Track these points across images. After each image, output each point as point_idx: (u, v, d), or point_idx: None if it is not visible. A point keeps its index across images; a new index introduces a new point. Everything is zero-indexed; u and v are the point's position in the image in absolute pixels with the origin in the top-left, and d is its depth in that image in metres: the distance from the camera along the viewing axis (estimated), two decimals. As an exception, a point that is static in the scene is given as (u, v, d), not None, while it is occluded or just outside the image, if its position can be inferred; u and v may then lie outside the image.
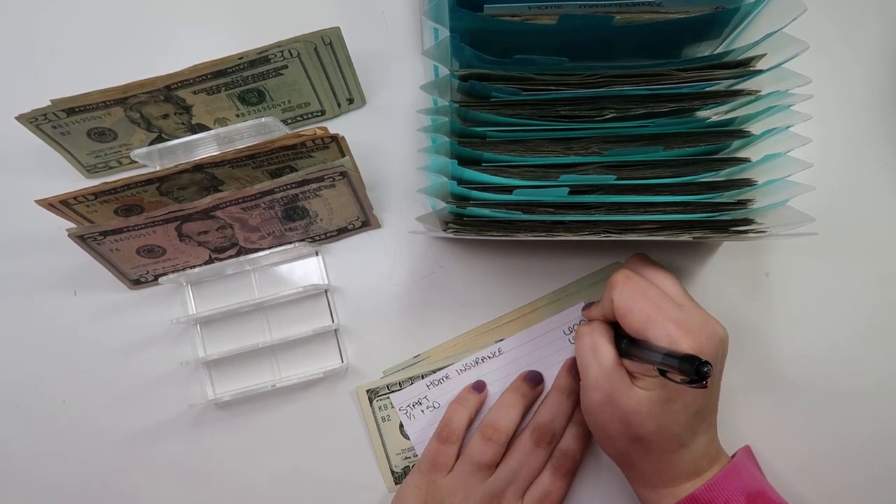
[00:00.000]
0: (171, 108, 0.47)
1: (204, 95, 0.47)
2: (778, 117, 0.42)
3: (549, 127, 0.42)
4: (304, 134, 0.43)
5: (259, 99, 0.48)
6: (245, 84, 0.46)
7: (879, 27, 0.52)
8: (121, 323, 0.51)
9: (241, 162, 0.45)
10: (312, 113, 0.50)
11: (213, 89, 0.46)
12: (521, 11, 0.43)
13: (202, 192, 0.47)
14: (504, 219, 0.42)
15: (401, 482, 0.49)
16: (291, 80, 0.47)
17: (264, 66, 0.45)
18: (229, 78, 0.45)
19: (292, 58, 0.45)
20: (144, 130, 0.49)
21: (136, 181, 0.44)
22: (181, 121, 0.48)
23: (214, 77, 0.45)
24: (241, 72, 0.45)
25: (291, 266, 0.52)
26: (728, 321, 0.50)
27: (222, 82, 0.46)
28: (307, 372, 0.50)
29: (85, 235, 0.46)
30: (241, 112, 0.49)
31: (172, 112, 0.48)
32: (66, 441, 0.51)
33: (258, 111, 0.49)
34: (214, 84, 0.46)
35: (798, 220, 0.41)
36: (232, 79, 0.46)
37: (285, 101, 0.49)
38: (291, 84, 0.47)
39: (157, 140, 0.50)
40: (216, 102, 0.48)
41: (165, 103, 0.46)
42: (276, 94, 0.48)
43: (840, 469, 0.49)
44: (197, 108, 0.48)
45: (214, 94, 0.46)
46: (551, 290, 0.50)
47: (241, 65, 0.44)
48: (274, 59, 0.45)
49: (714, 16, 0.43)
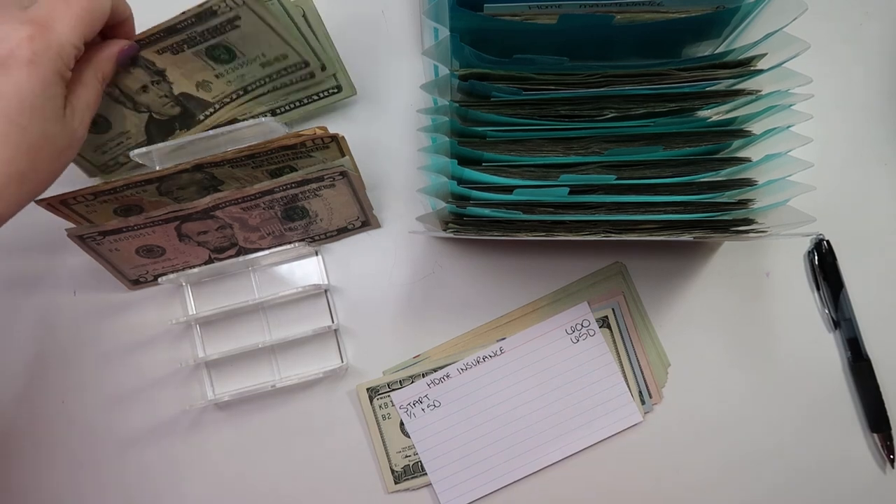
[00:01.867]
0: (146, 76, 0.46)
1: (169, 55, 0.45)
2: (778, 117, 0.42)
3: (549, 127, 0.42)
4: (304, 134, 0.43)
5: (230, 56, 0.46)
6: (205, 40, 0.44)
7: (879, 27, 0.52)
8: (120, 323, 0.51)
9: (240, 162, 0.45)
10: (295, 66, 0.47)
11: (175, 47, 0.44)
12: (521, 11, 0.43)
13: (202, 192, 0.47)
14: (504, 219, 0.42)
15: (401, 481, 0.49)
16: (252, 31, 0.44)
17: (214, 20, 0.43)
18: (184, 34, 0.44)
19: (239, 6, 0.42)
20: (132, 111, 0.47)
21: (136, 181, 0.44)
22: (163, 91, 0.47)
23: (168, 34, 0.43)
24: (194, 26, 0.43)
25: (291, 266, 0.52)
26: (728, 321, 0.50)
27: (179, 39, 0.44)
28: (307, 372, 0.50)
29: (84, 235, 0.46)
30: (218, 72, 0.47)
31: (149, 81, 0.46)
32: (65, 441, 0.51)
33: (235, 68, 0.47)
34: (173, 42, 0.44)
35: (798, 220, 0.41)
36: (187, 35, 0.44)
37: (259, 54, 0.46)
38: (255, 35, 0.45)
39: (150, 122, 0.49)
40: (187, 64, 0.46)
41: (135, 68, 0.45)
42: (244, 48, 0.46)
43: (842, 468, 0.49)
44: (171, 73, 0.46)
45: (179, 52, 0.45)
46: (551, 290, 0.50)
47: (189, 19, 0.43)
48: (220, 10, 0.43)
49: (714, 15, 0.43)
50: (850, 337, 0.49)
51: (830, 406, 0.49)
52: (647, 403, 0.49)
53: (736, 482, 0.49)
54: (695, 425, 0.50)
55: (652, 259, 0.50)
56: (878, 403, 0.48)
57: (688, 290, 0.50)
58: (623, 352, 0.50)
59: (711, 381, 0.50)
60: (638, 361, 0.50)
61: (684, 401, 0.50)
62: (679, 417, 0.50)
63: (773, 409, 0.49)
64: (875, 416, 0.48)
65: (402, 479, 0.49)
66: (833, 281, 0.49)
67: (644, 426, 0.49)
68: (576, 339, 0.50)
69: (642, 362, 0.50)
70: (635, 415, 0.49)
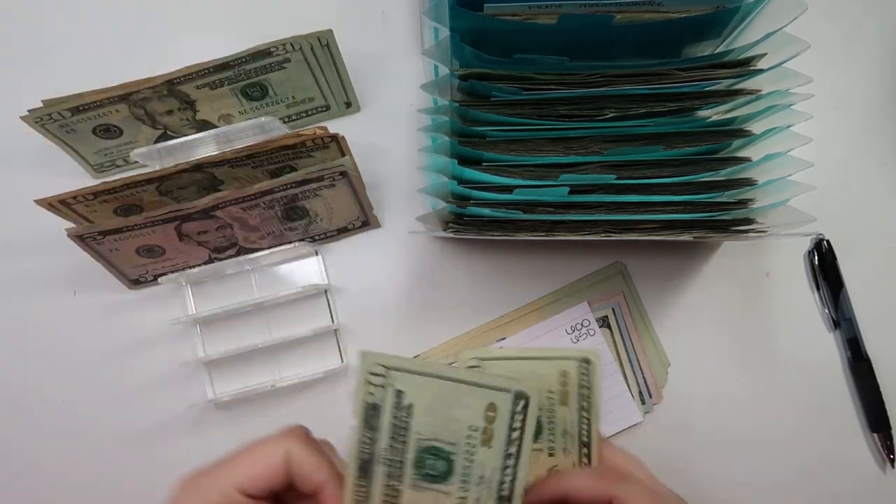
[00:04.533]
0: (175, 104, 0.47)
1: (207, 90, 0.47)
2: (778, 116, 0.42)
3: (549, 126, 0.42)
4: (304, 133, 0.43)
5: (262, 94, 0.48)
6: (248, 78, 0.46)
7: (879, 27, 0.52)
8: (120, 323, 0.51)
9: (240, 161, 0.45)
10: (317, 108, 0.50)
11: (216, 83, 0.46)
12: (521, 11, 0.43)
13: (202, 192, 0.47)
14: (504, 218, 0.42)
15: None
16: (295, 74, 0.47)
17: (267, 59, 0.45)
18: (231, 71, 0.45)
19: (294, 51, 0.45)
20: (150, 127, 0.48)
21: (136, 181, 0.44)
22: (185, 117, 0.48)
23: (217, 70, 0.45)
24: (244, 65, 0.45)
25: (291, 266, 0.52)
26: (728, 321, 0.50)
27: (225, 76, 0.46)
28: (307, 372, 0.50)
29: (84, 235, 0.46)
30: (244, 109, 0.49)
31: (177, 108, 0.48)
32: (65, 441, 0.51)
33: (262, 107, 0.49)
34: (217, 78, 0.46)
35: (798, 220, 0.41)
36: (234, 72, 0.45)
37: (289, 96, 0.49)
38: (295, 79, 0.47)
39: (161, 137, 0.50)
40: (220, 99, 0.47)
41: (169, 98, 0.46)
42: (279, 88, 0.48)
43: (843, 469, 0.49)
44: (201, 104, 0.48)
45: (217, 88, 0.46)
46: (552, 290, 0.50)
47: (244, 57, 0.44)
48: (276, 52, 0.45)
49: (714, 15, 0.43)
50: (850, 337, 0.49)
51: (830, 406, 0.49)
52: (647, 403, 0.49)
53: (736, 481, 0.49)
54: (694, 425, 0.49)
55: (652, 259, 0.50)
56: (878, 403, 0.48)
57: (688, 290, 0.50)
58: (623, 352, 0.50)
59: (711, 381, 0.50)
60: (638, 361, 0.50)
61: (684, 401, 0.50)
62: (679, 417, 0.49)
63: (773, 408, 0.49)
64: (875, 416, 0.48)
65: None
66: (833, 281, 0.49)
67: (644, 426, 0.49)
68: (576, 339, 0.50)
69: (642, 362, 0.50)
70: (635, 415, 0.49)
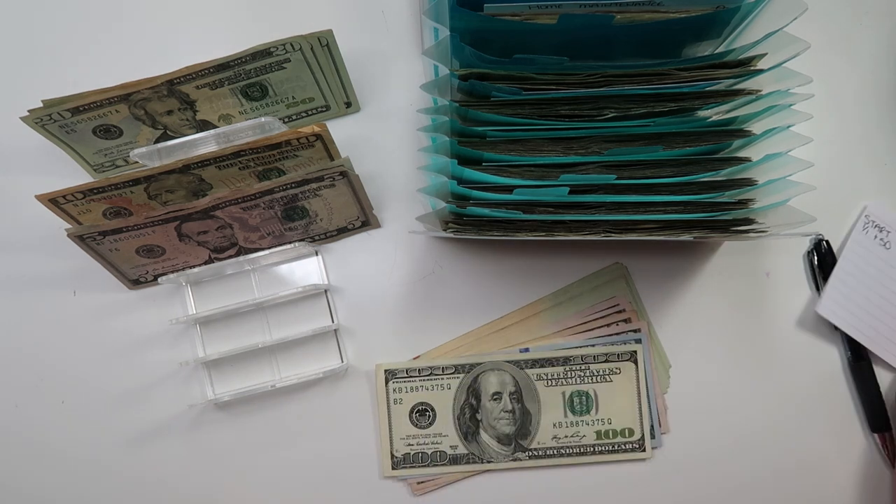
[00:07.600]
0: (175, 104, 0.47)
1: (207, 90, 0.46)
2: (778, 116, 0.42)
3: (549, 126, 0.42)
4: (287, 132, 0.43)
5: (262, 94, 0.48)
6: (248, 78, 0.46)
7: (879, 27, 0.52)
8: (120, 323, 0.51)
9: (226, 161, 0.44)
10: (317, 108, 0.50)
11: (216, 84, 0.46)
12: (521, 11, 0.43)
13: (190, 196, 0.47)
14: (504, 218, 0.42)
15: (398, 468, 0.49)
16: (295, 74, 0.46)
17: (267, 59, 0.45)
18: (231, 71, 0.45)
19: (294, 51, 0.45)
20: (150, 127, 0.48)
21: (124, 180, 0.44)
22: (185, 117, 0.48)
23: (217, 71, 0.45)
24: (244, 65, 0.45)
25: (291, 266, 0.52)
26: (728, 321, 0.50)
27: (225, 76, 0.46)
28: (307, 372, 0.50)
29: (84, 235, 0.46)
30: (244, 109, 0.49)
31: (177, 108, 0.47)
32: (65, 441, 0.51)
33: (262, 107, 0.49)
34: (217, 78, 0.46)
35: (798, 220, 0.41)
36: (234, 72, 0.45)
37: (289, 96, 0.48)
38: (295, 79, 0.47)
39: (162, 137, 0.49)
40: (220, 99, 0.47)
41: (169, 98, 0.46)
42: (279, 88, 0.48)
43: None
44: (201, 104, 0.48)
45: (217, 88, 0.46)
46: (552, 290, 0.50)
47: (244, 57, 0.44)
48: (276, 52, 0.44)
49: (714, 15, 0.43)
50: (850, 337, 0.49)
51: (830, 406, 0.49)
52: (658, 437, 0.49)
53: (735, 480, 0.49)
54: (694, 425, 0.49)
55: (652, 259, 0.50)
56: (878, 403, 0.48)
57: (688, 290, 0.50)
58: (644, 387, 0.49)
59: (711, 381, 0.50)
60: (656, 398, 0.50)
61: (684, 400, 0.50)
62: (679, 417, 0.49)
63: (773, 408, 0.49)
64: (875, 416, 0.48)
65: (399, 466, 0.49)
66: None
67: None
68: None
69: (659, 398, 0.49)
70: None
